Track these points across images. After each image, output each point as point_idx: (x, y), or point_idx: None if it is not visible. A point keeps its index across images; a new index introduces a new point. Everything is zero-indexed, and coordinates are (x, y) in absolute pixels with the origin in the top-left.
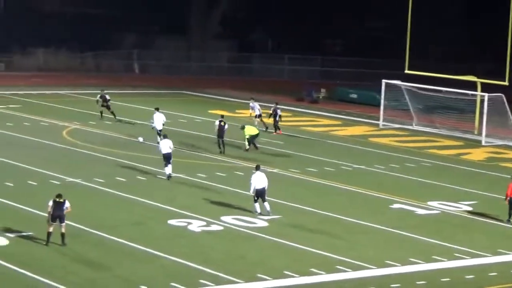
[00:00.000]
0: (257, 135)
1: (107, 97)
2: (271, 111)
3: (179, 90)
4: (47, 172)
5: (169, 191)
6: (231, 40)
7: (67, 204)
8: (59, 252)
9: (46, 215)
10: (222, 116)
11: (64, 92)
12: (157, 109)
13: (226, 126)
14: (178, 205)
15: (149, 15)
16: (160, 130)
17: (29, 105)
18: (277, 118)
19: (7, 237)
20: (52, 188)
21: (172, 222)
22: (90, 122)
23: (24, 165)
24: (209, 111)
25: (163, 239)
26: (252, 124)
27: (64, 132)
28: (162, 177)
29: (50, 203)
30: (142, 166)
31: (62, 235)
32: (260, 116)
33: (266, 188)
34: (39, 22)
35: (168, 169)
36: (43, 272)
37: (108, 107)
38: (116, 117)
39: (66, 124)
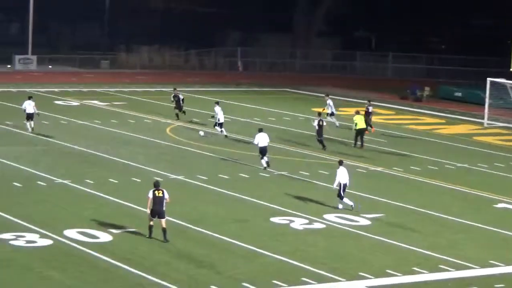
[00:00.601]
0: (364, 129)
1: (181, 96)
2: (365, 109)
3: (283, 87)
4: (150, 169)
5: (271, 188)
6: (335, 38)
7: (166, 195)
8: (162, 249)
9: (147, 210)
10: (319, 114)
11: (168, 89)
12: (217, 102)
13: (324, 124)
14: (281, 203)
15: (254, 13)
16: (221, 123)
17: (133, 102)
18: (370, 116)
19: (111, 233)
20: (135, 186)
21: (275, 219)
22: (194, 119)
23: (128, 162)
24: (313, 109)
25: (266, 237)
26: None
27: (167, 130)
28: (265, 174)
29: (150, 194)
30: (245, 163)
31: (164, 230)
32: (333, 114)
33: (347, 184)
34: (144, 20)
35: (265, 160)
36: (146, 269)
37: (179, 108)
38: (180, 116)
39: (169, 121)
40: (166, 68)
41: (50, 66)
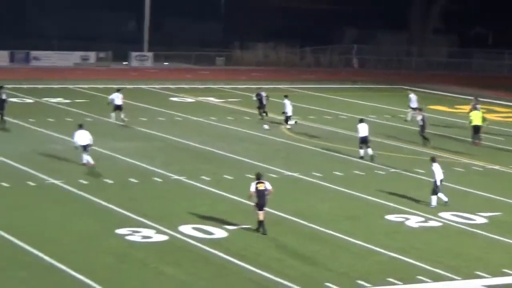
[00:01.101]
0: (479, 126)
1: (264, 94)
2: (470, 107)
3: (398, 85)
4: (266, 166)
5: (387, 185)
6: (451, 35)
7: (268, 187)
8: (276, 245)
9: (252, 203)
10: (421, 109)
11: (283, 86)
12: (286, 96)
13: (426, 119)
14: (396, 200)
15: (369, 10)
16: (289, 116)
17: (248, 99)
18: None
19: (226, 230)
20: (271, 182)
21: (390, 217)
22: (309, 116)
23: (243, 159)
24: (429, 107)
25: (380, 234)
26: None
27: (283, 126)
28: (380, 172)
29: (253, 188)
30: (359, 160)
31: (260, 222)
32: (415, 109)
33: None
34: (260, 17)
35: (369, 151)
36: (260, 265)
37: (261, 107)
38: (262, 116)
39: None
40: (281, 65)
41: (165, 63)
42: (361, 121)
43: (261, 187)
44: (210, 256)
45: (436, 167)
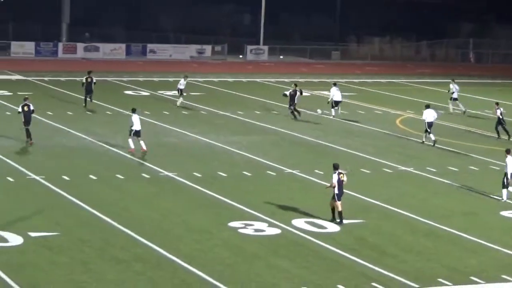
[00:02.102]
0: None
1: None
2: None
3: None
4: (380, 160)
5: (500, 181)
6: None
7: (345, 178)
8: (389, 240)
9: (336, 191)
10: (497, 104)
11: (398, 80)
12: (334, 84)
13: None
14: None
15: (486, 3)
16: (338, 102)
17: (363, 93)
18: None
19: (339, 224)
20: (385, 177)
21: (505, 213)
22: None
23: (357, 153)
24: None
25: (495, 230)
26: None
27: (397, 121)
28: (495, 167)
29: (335, 179)
30: (475, 156)
31: (339, 213)
32: (456, 99)
33: None
34: (376, 11)
35: (432, 137)
36: (373, 260)
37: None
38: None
39: (399, 112)
40: (397, 59)
41: (281, 57)
42: (427, 107)
43: (342, 177)
44: (322, 250)
45: (510, 160)
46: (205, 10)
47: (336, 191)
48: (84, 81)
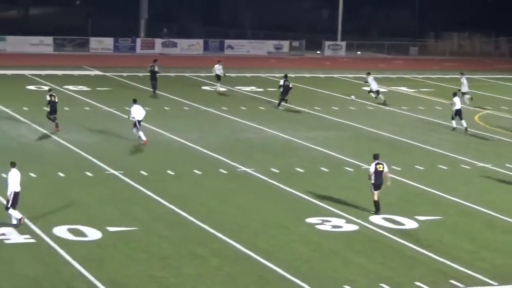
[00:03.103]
0: None
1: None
2: None
3: None
4: (457, 156)
5: None
6: None
7: (385, 169)
8: (468, 237)
9: (372, 181)
10: None
11: (476, 76)
12: (368, 73)
13: None
14: None
15: None
16: (376, 91)
17: (441, 89)
18: None
19: (417, 220)
20: (462, 173)
21: None
22: (502, 107)
23: (434, 149)
24: None
25: None
26: None
27: (476, 117)
28: None
29: (372, 168)
30: None
31: (376, 203)
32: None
33: None
34: (455, 7)
35: (464, 123)
36: (452, 257)
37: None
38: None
39: (477, 109)
40: (476, 55)
41: (358, 53)
42: (455, 94)
43: (380, 168)
44: (400, 247)
45: None
46: (284, 5)
47: (372, 181)
48: (149, 69)
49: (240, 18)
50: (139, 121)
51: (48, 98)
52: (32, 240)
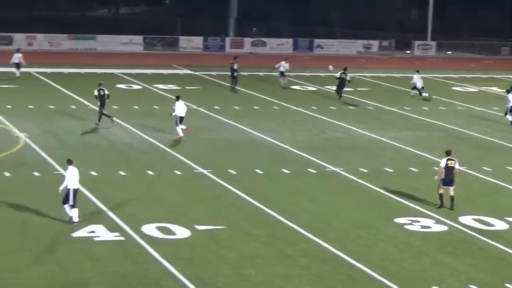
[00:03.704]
0: None
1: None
2: None
3: None
4: None
5: None
6: None
7: (457, 165)
8: None
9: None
10: None
11: None
12: (417, 71)
13: None
14: None
15: None
16: (421, 88)
17: None
18: None
19: (507, 222)
20: None
21: None
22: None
23: None
24: None
25: None
26: None
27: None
28: None
29: (443, 163)
30: None
31: (452, 198)
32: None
33: None
34: None
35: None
36: None
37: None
38: None
39: None
40: None
41: (448, 52)
42: (508, 91)
43: (451, 164)
44: (489, 248)
45: None
46: (373, 5)
47: (442, 176)
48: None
49: (329, 17)
50: (181, 118)
51: (96, 92)
52: (121, 238)
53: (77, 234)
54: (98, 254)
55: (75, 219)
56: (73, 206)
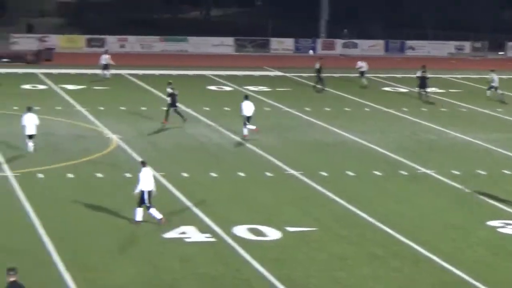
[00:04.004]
0: None
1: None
2: None
3: None
4: None
5: None
6: None
7: None
8: None
9: None
10: None
11: None
12: (493, 70)
13: None
14: None
15: None
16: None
17: None
18: None
19: None
20: None
21: None
22: None
23: None
24: None
25: None
26: None
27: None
28: None
29: None
30: None
31: None
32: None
33: None
34: None
35: None
36: None
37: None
38: None
39: None
40: None
41: None
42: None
43: None
44: None
45: None
46: (466, 5)
47: None
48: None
49: (421, 18)
50: (248, 117)
51: (170, 90)
52: (213, 239)
53: (169, 235)
54: (189, 255)
55: (158, 216)
56: (149, 207)
